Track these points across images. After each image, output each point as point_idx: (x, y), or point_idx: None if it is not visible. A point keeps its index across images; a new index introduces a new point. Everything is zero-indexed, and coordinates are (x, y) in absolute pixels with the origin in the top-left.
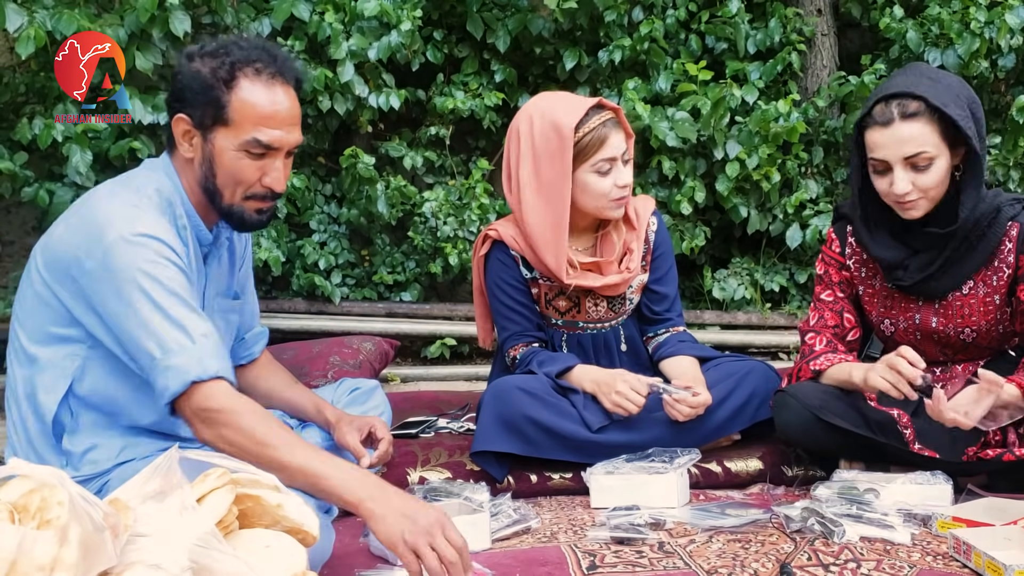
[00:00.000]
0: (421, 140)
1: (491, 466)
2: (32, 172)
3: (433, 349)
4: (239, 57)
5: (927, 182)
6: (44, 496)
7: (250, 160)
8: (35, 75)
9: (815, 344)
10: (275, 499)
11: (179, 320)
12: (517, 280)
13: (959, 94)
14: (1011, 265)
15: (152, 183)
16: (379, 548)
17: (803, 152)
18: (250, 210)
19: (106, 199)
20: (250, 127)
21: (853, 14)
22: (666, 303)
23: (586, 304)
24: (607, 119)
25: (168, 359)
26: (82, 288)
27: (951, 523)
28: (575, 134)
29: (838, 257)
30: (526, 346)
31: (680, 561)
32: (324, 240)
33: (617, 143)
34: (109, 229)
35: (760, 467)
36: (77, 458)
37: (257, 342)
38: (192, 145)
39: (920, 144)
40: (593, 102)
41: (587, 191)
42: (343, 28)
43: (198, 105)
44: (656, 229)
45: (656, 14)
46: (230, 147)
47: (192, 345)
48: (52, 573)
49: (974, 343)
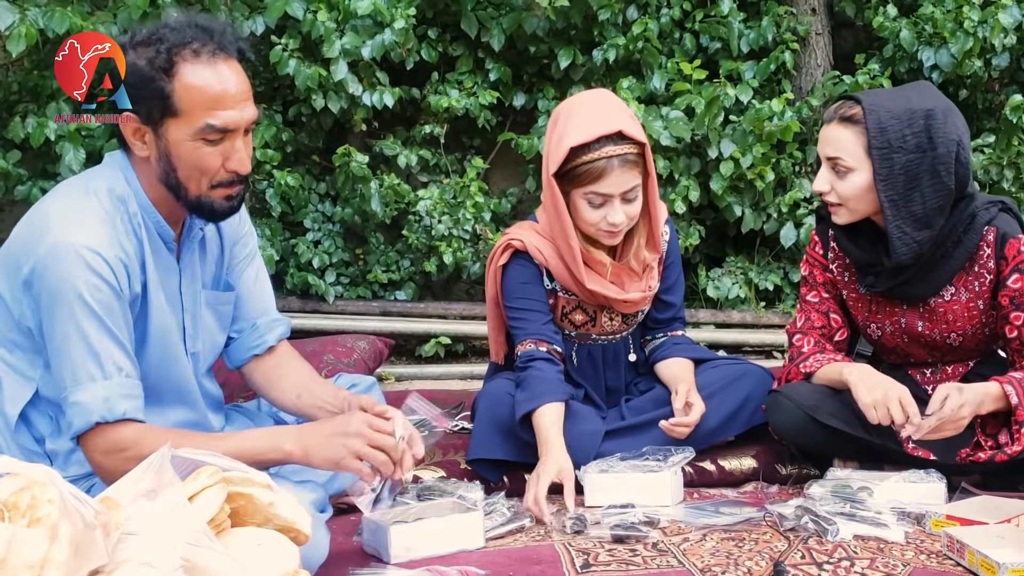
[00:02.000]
0: (415, 139)
1: (486, 471)
2: (25, 170)
3: (427, 348)
4: (174, 41)
5: (843, 190)
6: (34, 494)
7: (209, 147)
8: (28, 73)
9: (803, 346)
10: (267, 497)
11: (97, 349)
12: (539, 285)
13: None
14: (991, 271)
15: (106, 183)
16: (373, 547)
17: (797, 151)
18: (219, 198)
19: (52, 202)
20: (201, 113)
21: (847, 13)
22: (671, 311)
23: (602, 319)
24: (616, 155)
25: (75, 394)
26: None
27: (945, 521)
28: (574, 157)
29: (821, 259)
30: (535, 343)
31: (674, 560)
32: (318, 239)
33: (617, 181)
34: (44, 238)
35: (754, 465)
36: (63, 458)
37: (271, 330)
38: (145, 143)
39: (837, 149)
40: (612, 131)
41: (579, 214)
42: (336, 26)
43: (142, 100)
44: (669, 239)
45: (650, 13)
46: (185, 138)
47: (104, 380)
48: (42, 571)
49: (961, 346)
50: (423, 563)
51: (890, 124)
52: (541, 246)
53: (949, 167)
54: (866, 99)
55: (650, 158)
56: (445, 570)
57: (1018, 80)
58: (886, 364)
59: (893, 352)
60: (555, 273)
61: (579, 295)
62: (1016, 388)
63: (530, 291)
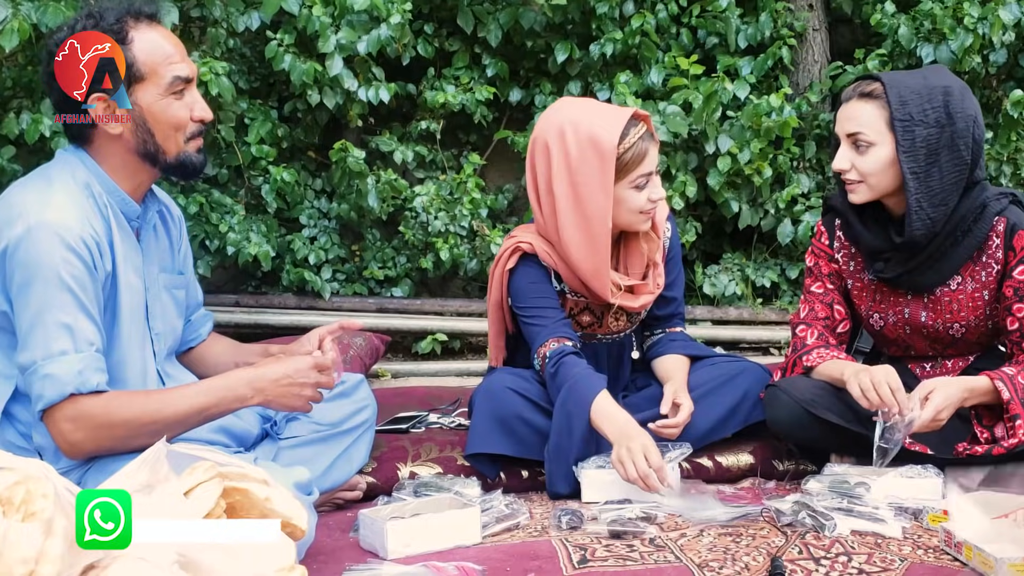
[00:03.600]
0: (412, 134)
1: (484, 466)
2: (19, 166)
3: (424, 345)
4: (117, 14)
5: (864, 166)
6: (29, 488)
7: (177, 101)
8: (22, 69)
9: (806, 337)
10: (263, 492)
11: (69, 324)
12: (549, 285)
13: (940, 99)
14: (999, 261)
15: (65, 171)
16: (370, 543)
17: (795, 147)
18: (193, 151)
19: (18, 191)
20: (164, 69)
21: (844, 9)
22: (671, 306)
23: (608, 319)
24: (643, 131)
25: (48, 366)
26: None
27: (942, 516)
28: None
29: (827, 249)
30: (559, 341)
31: (671, 555)
32: (314, 235)
33: (654, 156)
34: (17, 220)
35: (751, 461)
36: (52, 453)
37: (203, 324)
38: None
39: (860, 124)
40: (629, 114)
41: (622, 206)
42: (332, 21)
43: None
44: (670, 235)
45: (647, 8)
46: (156, 98)
47: (75, 354)
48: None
49: (963, 338)
50: (420, 559)
51: (911, 98)
52: (550, 251)
53: (967, 142)
54: (885, 76)
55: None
56: (442, 566)
57: (1016, 76)
58: (886, 357)
59: (894, 344)
60: (564, 276)
61: (588, 296)
62: (1007, 383)
63: (543, 291)
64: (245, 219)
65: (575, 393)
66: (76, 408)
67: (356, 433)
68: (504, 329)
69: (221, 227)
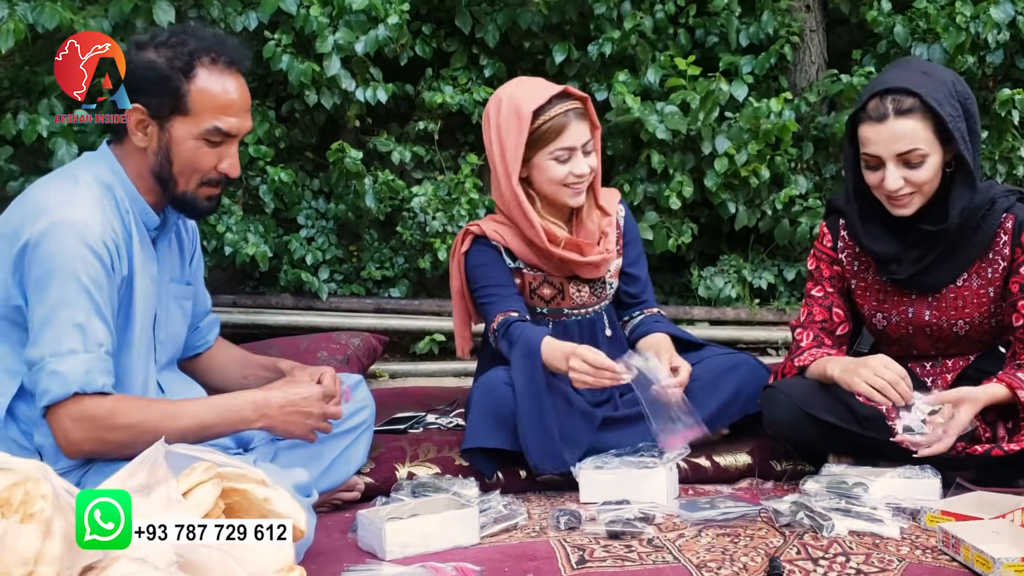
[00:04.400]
0: (409, 135)
1: (481, 463)
2: (17, 166)
3: (422, 345)
4: (196, 47)
5: (920, 178)
6: (27, 489)
7: (208, 148)
8: (19, 69)
9: (802, 340)
10: (262, 493)
11: (81, 323)
12: (501, 264)
13: (952, 91)
14: (1006, 257)
15: (91, 172)
16: (368, 544)
17: (792, 148)
18: (202, 197)
19: (43, 187)
20: (210, 116)
21: (842, 10)
22: (639, 285)
23: (569, 290)
24: (571, 108)
25: (56, 363)
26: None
27: (940, 517)
28: (535, 119)
29: (830, 252)
30: (505, 314)
31: (669, 555)
32: (311, 235)
33: (577, 133)
34: (40, 217)
35: (749, 462)
36: (52, 452)
37: (211, 330)
38: (147, 135)
39: (912, 141)
40: (559, 89)
41: (544, 176)
42: (330, 22)
43: (154, 95)
44: (624, 216)
45: (645, 8)
46: (189, 136)
47: (84, 354)
48: (36, 566)
49: (966, 336)
50: (418, 559)
51: (942, 99)
52: (499, 229)
53: (978, 123)
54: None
55: (594, 114)
56: (440, 566)
57: (1012, 77)
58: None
59: (896, 343)
60: (516, 251)
61: (544, 267)
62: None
63: (493, 271)
64: (242, 219)
65: (524, 347)
66: (80, 407)
67: (355, 434)
68: (468, 318)
69: (218, 227)
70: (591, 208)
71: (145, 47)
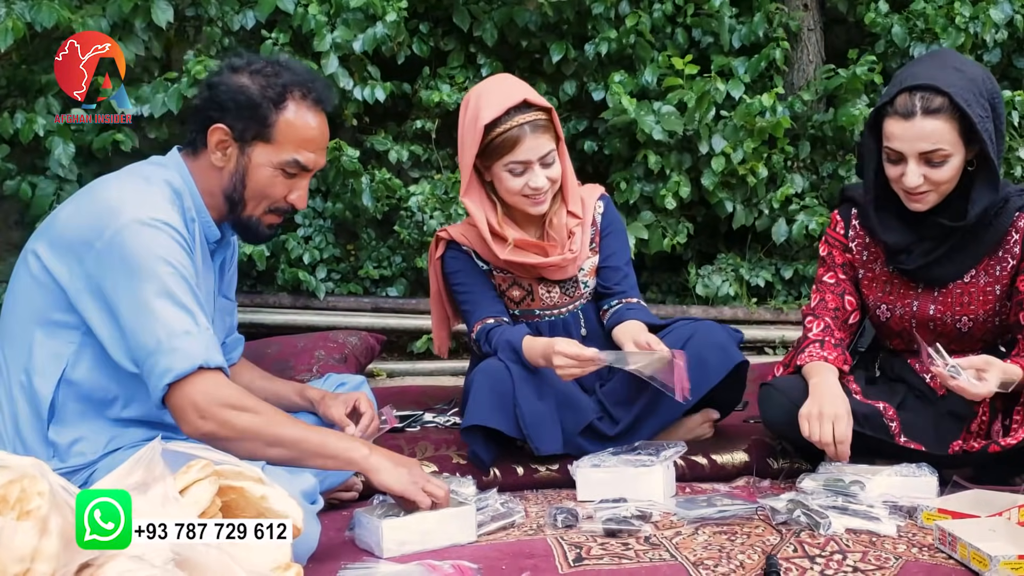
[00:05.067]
0: (407, 134)
1: (479, 445)
2: (14, 165)
3: (419, 344)
4: (290, 80)
5: (940, 177)
6: (24, 487)
7: (283, 178)
8: (16, 68)
9: (812, 328)
10: (259, 491)
11: (188, 306)
12: (474, 269)
13: (982, 89)
14: (1016, 256)
15: (161, 175)
16: (365, 542)
17: (789, 147)
18: (265, 224)
19: (115, 185)
20: (292, 148)
21: (839, 9)
22: (616, 276)
23: (539, 291)
24: (527, 121)
25: (174, 341)
26: (87, 271)
27: (936, 515)
28: (489, 132)
29: (841, 239)
30: (482, 321)
31: (666, 553)
32: (309, 234)
33: (532, 147)
34: (121, 212)
35: (746, 460)
36: (64, 449)
37: (236, 347)
38: (226, 155)
39: (937, 142)
40: (518, 100)
41: (501, 186)
42: (327, 20)
43: (241, 119)
44: (603, 212)
45: (643, 7)
46: (268, 164)
47: (198, 332)
48: (32, 564)
49: (969, 333)
50: (415, 558)
51: (971, 99)
52: (466, 232)
53: (1003, 122)
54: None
55: (558, 123)
56: (438, 564)
57: (1010, 76)
58: (886, 350)
59: (898, 336)
60: (482, 254)
61: (511, 270)
62: None
63: (466, 277)
64: None
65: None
66: (206, 381)
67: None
68: (447, 319)
69: None
70: (560, 210)
71: (240, 71)
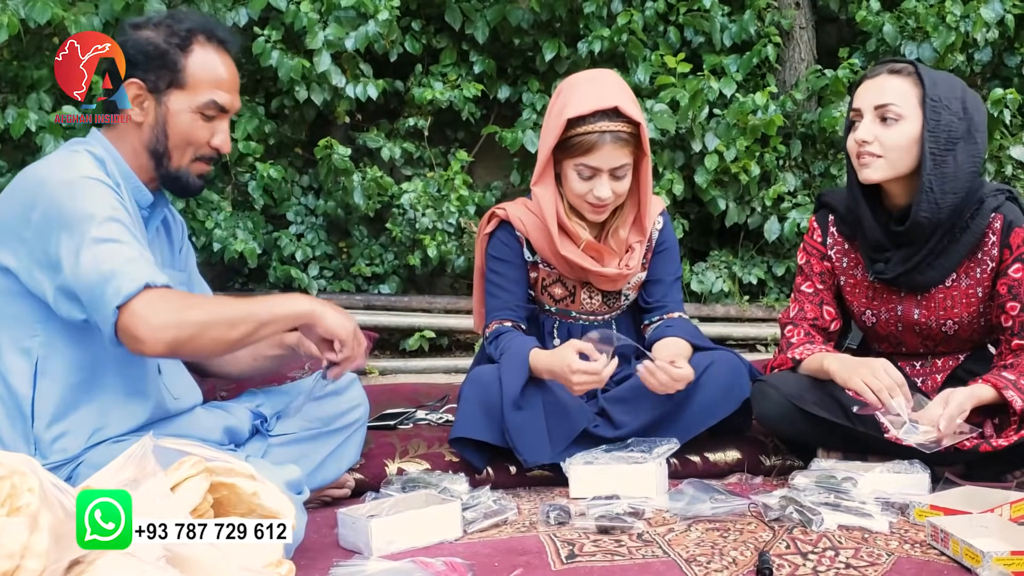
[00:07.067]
0: (399, 131)
1: (469, 453)
2: (5, 162)
3: (412, 342)
4: (192, 24)
5: (888, 139)
6: (14, 483)
7: (203, 122)
8: (8, 64)
9: (792, 336)
10: (250, 487)
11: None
12: (517, 258)
13: (958, 89)
14: (995, 258)
15: (82, 147)
16: (352, 543)
17: (781, 145)
18: (194, 173)
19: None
20: (206, 89)
21: (831, 8)
22: (660, 291)
23: (581, 295)
24: (610, 131)
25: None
26: (30, 246)
27: (929, 511)
28: (570, 128)
29: (819, 247)
30: (500, 322)
31: (659, 550)
32: (301, 232)
33: (607, 156)
34: (48, 180)
35: (738, 457)
36: (46, 445)
37: None
38: (143, 109)
39: (892, 96)
40: (609, 106)
41: (568, 184)
42: (320, 18)
43: (152, 69)
44: (661, 228)
45: (635, 6)
46: (186, 109)
47: (140, 258)
48: (22, 560)
49: (955, 336)
50: (405, 555)
51: (940, 81)
52: (524, 217)
53: (983, 135)
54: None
55: (646, 140)
56: (430, 561)
57: (1000, 75)
58: (875, 353)
59: (885, 340)
60: (535, 244)
61: (558, 268)
62: (1015, 390)
63: (506, 266)
64: (231, 216)
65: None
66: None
67: (347, 432)
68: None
69: (207, 224)
70: (627, 222)
71: (141, 27)
